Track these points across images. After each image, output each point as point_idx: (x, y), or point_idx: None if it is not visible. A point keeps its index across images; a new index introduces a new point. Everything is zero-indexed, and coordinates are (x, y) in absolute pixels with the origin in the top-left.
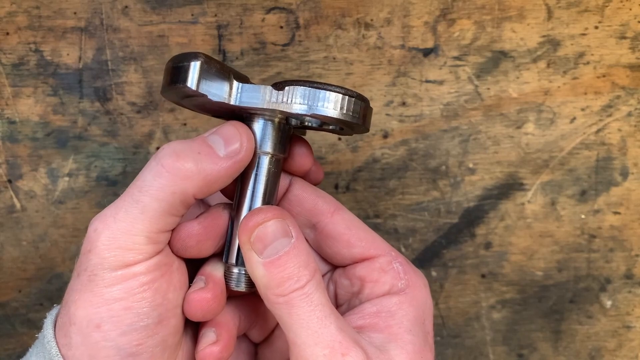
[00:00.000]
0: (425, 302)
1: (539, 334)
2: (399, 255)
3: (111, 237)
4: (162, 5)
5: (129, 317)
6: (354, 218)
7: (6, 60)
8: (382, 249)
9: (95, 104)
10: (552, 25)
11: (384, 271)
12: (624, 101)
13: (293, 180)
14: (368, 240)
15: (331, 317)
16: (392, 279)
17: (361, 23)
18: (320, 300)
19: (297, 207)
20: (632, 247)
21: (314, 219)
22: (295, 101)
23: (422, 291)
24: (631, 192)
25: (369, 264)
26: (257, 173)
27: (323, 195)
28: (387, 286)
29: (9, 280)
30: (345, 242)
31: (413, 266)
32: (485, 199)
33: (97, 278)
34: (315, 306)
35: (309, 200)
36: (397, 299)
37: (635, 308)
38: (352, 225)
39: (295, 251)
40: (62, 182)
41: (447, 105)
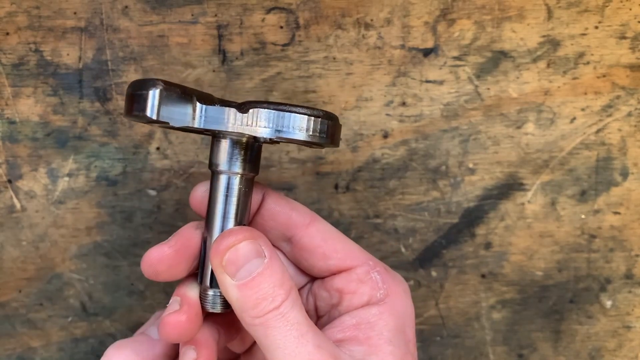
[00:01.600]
0: (405, 310)
1: (539, 334)
2: (377, 264)
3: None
4: (162, 5)
5: None
6: (331, 229)
7: (6, 60)
8: (359, 259)
9: (95, 104)
10: (552, 25)
11: (361, 282)
12: (624, 101)
13: (266, 194)
14: (344, 251)
15: (308, 334)
16: (370, 289)
17: (361, 23)
18: (296, 318)
19: (270, 221)
20: (632, 247)
21: (289, 232)
22: (260, 124)
23: (402, 299)
24: (631, 192)
25: (346, 275)
26: (227, 194)
27: (297, 207)
28: (365, 297)
29: (9, 280)
30: (321, 255)
31: (393, 273)
32: (485, 199)
33: None
34: (291, 325)
35: (282, 214)
36: (377, 310)
37: (635, 308)
38: (327, 236)
39: (269, 271)
40: (62, 182)
41: (447, 105)
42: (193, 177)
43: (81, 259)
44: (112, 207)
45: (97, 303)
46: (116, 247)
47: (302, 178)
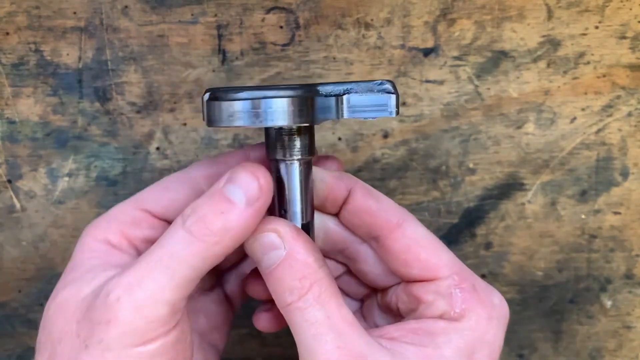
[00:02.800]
0: (481, 335)
1: (539, 334)
2: (465, 280)
3: (135, 307)
4: (162, 5)
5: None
6: (420, 233)
7: (6, 60)
8: (444, 272)
9: (95, 104)
10: (552, 25)
11: (440, 295)
12: (624, 101)
13: (354, 187)
14: (429, 262)
15: (328, 335)
16: (445, 304)
17: (361, 23)
18: (315, 317)
19: (355, 218)
20: (633, 247)
21: (375, 232)
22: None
23: (481, 323)
24: (631, 192)
25: (427, 285)
26: (295, 182)
27: (386, 205)
28: (439, 311)
29: (9, 280)
30: (403, 261)
31: (484, 294)
32: (485, 199)
33: (111, 355)
34: (309, 323)
35: (368, 213)
36: (444, 325)
37: (635, 308)
38: (413, 242)
39: (287, 264)
40: (62, 182)
41: (447, 105)
42: None
43: None
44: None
45: None
46: None
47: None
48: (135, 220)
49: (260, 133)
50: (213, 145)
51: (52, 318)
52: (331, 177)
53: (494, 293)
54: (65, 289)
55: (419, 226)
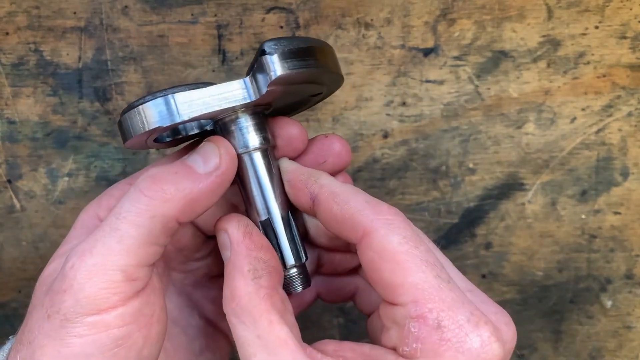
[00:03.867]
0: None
1: (539, 334)
2: (428, 312)
3: (87, 274)
4: (162, 5)
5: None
6: (389, 245)
7: (6, 60)
8: (404, 297)
9: (95, 104)
10: (553, 25)
11: (396, 324)
12: (624, 101)
13: (317, 197)
14: (390, 283)
15: (259, 355)
16: (399, 337)
17: (361, 23)
18: (245, 336)
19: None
20: (633, 247)
21: (346, 240)
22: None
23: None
24: (631, 192)
25: (388, 308)
26: (252, 173)
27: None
28: (392, 342)
29: (9, 281)
30: (369, 278)
31: (452, 334)
32: (485, 199)
33: (69, 324)
34: (241, 342)
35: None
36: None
37: (635, 308)
38: (378, 257)
39: (228, 269)
40: (62, 182)
41: (447, 105)
42: None
43: None
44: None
45: None
46: None
47: None
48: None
49: None
50: None
51: (35, 292)
52: (295, 182)
53: (476, 333)
54: (51, 264)
55: (390, 236)
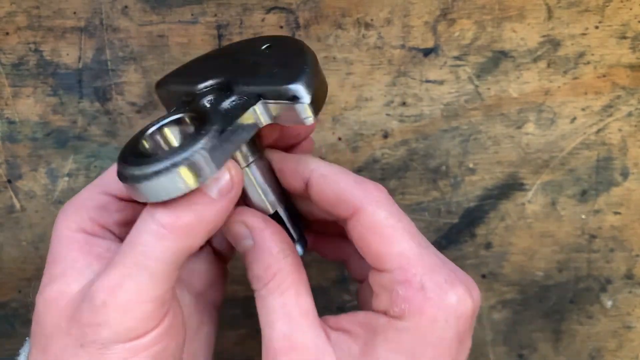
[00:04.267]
0: (422, 338)
1: (539, 334)
2: (413, 276)
3: (122, 310)
4: (162, 5)
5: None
6: (377, 220)
7: (6, 60)
8: (391, 264)
9: (95, 104)
10: (553, 25)
11: (385, 289)
12: (624, 101)
13: (309, 179)
14: (378, 252)
15: (279, 322)
16: (388, 301)
17: (361, 23)
18: (272, 306)
19: (318, 204)
20: (633, 247)
21: (337, 218)
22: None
23: (423, 325)
24: (632, 192)
25: (377, 275)
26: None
27: (342, 190)
28: (383, 305)
29: (9, 281)
30: (360, 250)
31: (434, 293)
32: (485, 199)
33: (108, 352)
34: (267, 310)
35: (326, 201)
36: (385, 322)
37: (635, 308)
38: (367, 231)
39: (254, 253)
40: (62, 182)
41: (447, 105)
42: None
43: None
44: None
45: None
46: None
47: None
48: (103, 205)
49: None
50: None
51: (42, 314)
52: (286, 170)
53: (451, 290)
54: (52, 285)
55: (378, 212)
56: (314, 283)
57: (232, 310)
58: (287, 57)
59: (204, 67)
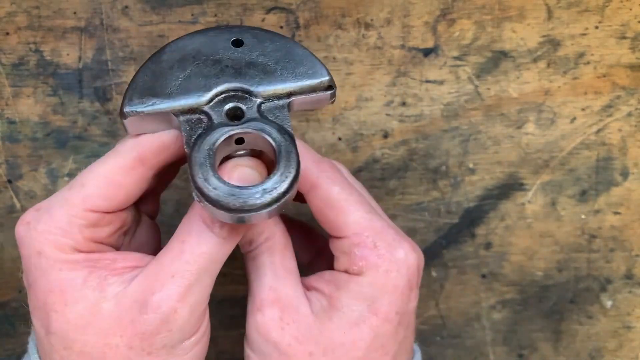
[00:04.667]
0: (381, 287)
1: (539, 334)
2: (365, 239)
3: (191, 311)
4: (162, 5)
5: None
6: (332, 194)
7: (6, 60)
8: (347, 231)
9: (95, 104)
10: (552, 25)
11: (344, 252)
12: (624, 101)
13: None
14: (335, 223)
15: (265, 277)
16: (347, 261)
17: (361, 23)
18: (262, 261)
19: None
20: (633, 247)
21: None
22: None
23: (379, 276)
24: (631, 192)
25: (337, 242)
26: None
27: (303, 167)
28: (344, 266)
29: (9, 280)
30: (319, 221)
31: (386, 250)
32: (485, 199)
33: (175, 351)
34: (256, 267)
35: None
36: (346, 278)
37: (635, 308)
38: (324, 204)
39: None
40: (62, 182)
41: (447, 105)
42: None
43: None
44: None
45: None
46: None
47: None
48: (92, 222)
49: None
50: None
51: (73, 340)
52: None
53: (400, 247)
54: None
55: (332, 186)
56: None
57: (232, 310)
58: (279, 49)
59: (188, 79)
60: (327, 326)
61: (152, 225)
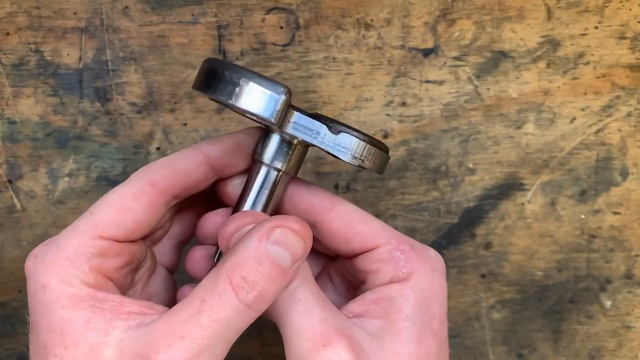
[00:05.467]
0: (431, 288)
1: (538, 334)
2: (402, 242)
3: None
4: (162, 6)
5: None
6: (353, 210)
7: (6, 60)
8: (382, 239)
9: (95, 104)
10: (552, 26)
11: (384, 262)
12: (623, 101)
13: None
14: (366, 233)
15: (315, 309)
16: (392, 268)
17: (361, 23)
18: (303, 294)
19: (292, 209)
20: (632, 247)
21: (311, 218)
22: (343, 148)
23: (427, 276)
24: (631, 192)
25: (369, 256)
26: (262, 186)
27: (317, 192)
28: (388, 275)
29: (9, 280)
30: (343, 238)
31: (421, 250)
32: (485, 199)
33: None
34: (297, 301)
35: (302, 201)
36: (397, 287)
37: (635, 308)
38: (348, 219)
39: None
40: (62, 182)
41: (447, 105)
42: None
43: None
44: None
45: None
46: None
47: (303, 178)
48: (102, 252)
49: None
50: None
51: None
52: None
53: (428, 249)
54: (70, 352)
55: (350, 205)
56: None
57: None
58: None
59: None
60: (395, 346)
61: (168, 279)
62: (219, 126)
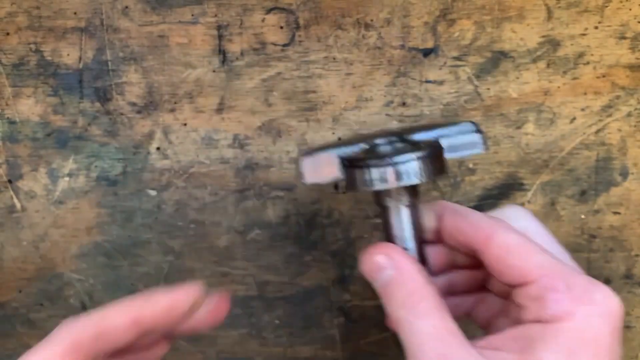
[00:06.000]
0: (581, 335)
1: None
2: (557, 281)
3: None
4: (162, 6)
5: None
6: (510, 240)
7: (6, 60)
8: (533, 275)
9: (95, 104)
10: (552, 26)
11: (531, 299)
12: (623, 101)
13: (441, 214)
14: (519, 269)
15: (432, 343)
16: (538, 308)
17: (361, 23)
18: (421, 327)
19: (451, 241)
20: (632, 247)
21: (471, 249)
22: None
23: (579, 323)
24: (631, 192)
25: (520, 290)
26: (400, 223)
27: (474, 221)
28: (533, 315)
29: (9, 280)
30: (497, 271)
31: (582, 292)
32: (485, 199)
33: None
34: (417, 333)
35: (459, 234)
36: (540, 328)
37: (635, 308)
38: (502, 251)
39: (395, 283)
40: (62, 182)
41: (447, 105)
42: (193, 177)
43: (81, 259)
44: (112, 207)
45: (97, 303)
46: (116, 247)
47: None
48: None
49: (261, 133)
50: (213, 146)
51: None
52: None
53: (596, 289)
54: None
55: (509, 233)
56: (314, 283)
57: (232, 310)
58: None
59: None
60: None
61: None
62: (219, 126)
